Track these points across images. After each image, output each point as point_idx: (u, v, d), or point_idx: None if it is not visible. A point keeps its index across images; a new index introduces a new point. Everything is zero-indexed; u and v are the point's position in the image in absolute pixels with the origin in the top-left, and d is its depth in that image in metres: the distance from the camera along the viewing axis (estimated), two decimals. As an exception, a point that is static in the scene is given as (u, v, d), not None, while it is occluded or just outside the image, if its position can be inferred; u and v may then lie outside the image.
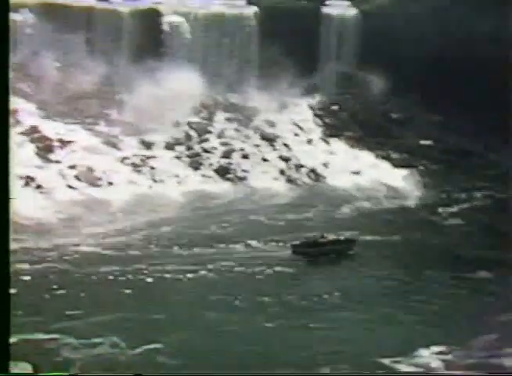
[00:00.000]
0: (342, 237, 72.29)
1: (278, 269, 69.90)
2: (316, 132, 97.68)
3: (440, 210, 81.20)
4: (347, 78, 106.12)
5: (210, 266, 70.07)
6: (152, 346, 56.65)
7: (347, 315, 62.66)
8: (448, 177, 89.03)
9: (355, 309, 63.40)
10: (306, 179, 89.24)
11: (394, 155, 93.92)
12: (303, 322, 61.52)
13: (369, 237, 75.16)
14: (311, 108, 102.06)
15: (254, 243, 74.54)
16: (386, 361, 56.31)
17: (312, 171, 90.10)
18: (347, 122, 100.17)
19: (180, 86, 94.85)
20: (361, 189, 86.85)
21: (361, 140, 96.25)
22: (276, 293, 65.70)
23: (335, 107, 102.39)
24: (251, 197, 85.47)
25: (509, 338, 58.58)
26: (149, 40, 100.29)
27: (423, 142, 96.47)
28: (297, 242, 72.15)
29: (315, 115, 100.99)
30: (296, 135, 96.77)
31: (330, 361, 55.74)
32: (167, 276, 67.84)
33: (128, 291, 64.53)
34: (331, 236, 71.95)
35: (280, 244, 74.15)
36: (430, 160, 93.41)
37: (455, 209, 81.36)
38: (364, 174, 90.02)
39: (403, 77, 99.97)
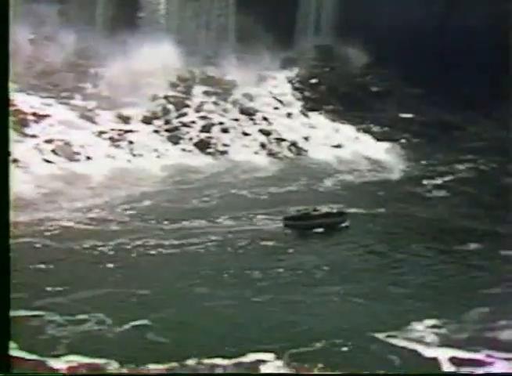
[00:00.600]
0: (335, 210, 70.89)
1: (265, 243, 68.52)
2: (296, 106, 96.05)
3: (424, 182, 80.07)
4: (326, 51, 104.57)
5: (195, 240, 68.51)
6: (140, 323, 55.01)
7: (337, 289, 61.39)
8: (430, 150, 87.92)
9: (343, 282, 62.13)
10: (287, 153, 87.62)
11: (375, 128, 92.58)
12: (293, 297, 60.25)
13: (353, 210, 73.77)
14: (290, 81, 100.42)
15: (237, 216, 72.92)
16: (380, 336, 55.13)
17: (293, 144, 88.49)
18: (326, 96, 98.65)
19: (156, 59, 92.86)
20: (343, 163, 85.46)
21: (341, 114, 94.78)
22: (264, 267, 64.28)
23: (314, 81, 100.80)
24: (233, 171, 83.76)
25: (502, 310, 57.66)
26: (124, 12, 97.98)
27: (403, 115, 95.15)
28: (289, 215, 70.76)
29: (294, 89, 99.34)
30: (275, 108, 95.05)
31: (324, 336, 54.49)
32: (152, 250, 66.17)
33: (111, 266, 62.76)
34: (324, 209, 70.54)
35: (265, 217, 72.66)
36: (411, 134, 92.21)
37: (439, 181, 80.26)
38: (346, 147, 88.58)
39: (383, 50, 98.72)
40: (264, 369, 50.99)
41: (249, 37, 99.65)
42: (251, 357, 51.59)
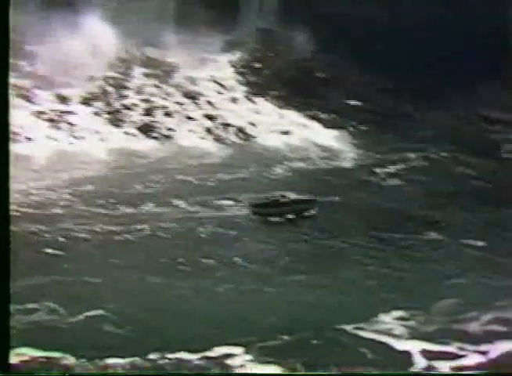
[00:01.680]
0: (303, 197, 68.17)
1: (218, 230, 65.45)
2: (240, 91, 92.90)
3: (377, 170, 77.84)
4: (270, 35, 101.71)
5: (143, 227, 65.08)
6: (94, 313, 51.50)
7: (300, 278, 58.76)
8: (379, 138, 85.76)
9: (305, 272, 59.53)
10: (235, 139, 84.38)
11: (323, 115, 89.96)
12: (253, 287, 57.40)
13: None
14: (233, 65, 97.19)
15: (182, 203, 69.70)
16: (348, 327, 52.79)
17: (240, 130, 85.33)
18: (271, 81, 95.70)
19: (94, 38, 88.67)
20: (293, 150, 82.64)
21: (287, 99, 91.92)
22: (221, 255, 61.23)
23: (258, 65, 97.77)
24: (179, 157, 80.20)
25: (469, 301, 55.82)
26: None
27: (351, 102, 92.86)
28: (256, 202, 67.95)
29: (238, 73, 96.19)
30: (219, 93, 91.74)
31: (290, 328, 51.81)
32: (99, 236, 62.61)
33: (58, 252, 58.93)
34: (292, 196, 67.81)
35: (215, 204, 69.62)
36: (359, 121, 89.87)
37: (392, 170, 78.15)
38: (294, 134, 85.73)
39: (328, 34, 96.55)
40: (233, 363, 48.07)
41: (189, 18, 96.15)
42: (218, 351, 48.59)
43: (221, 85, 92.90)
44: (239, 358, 48.19)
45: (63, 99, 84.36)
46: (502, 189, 74.10)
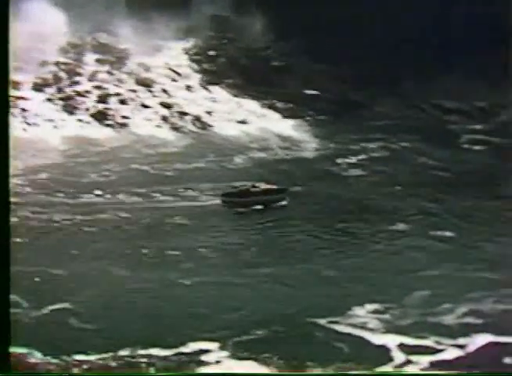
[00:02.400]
0: (274, 187, 66.44)
1: (180, 221, 63.45)
2: (195, 79, 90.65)
3: (339, 161, 76.45)
4: (224, 22, 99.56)
5: (102, 217, 62.80)
6: (60, 306, 49.10)
7: (268, 271, 57.04)
8: (337, 128, 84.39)
9: (274, 264, 57.85)
10: (192, 127, 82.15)
11: (280, 104, 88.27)
12: (221, 279, 55.52)
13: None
14: (187, 53, 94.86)
15: (140, 193, 67.57)
16: (322, 321, 51.23)
17: (197, 119, 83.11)
18: (226, 69, 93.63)
19: (44, 23, 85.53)
20: (253, 139, 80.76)
21: (242, 88, 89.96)
22: (185, 247, 59.19)
23: (212, 53, 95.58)
24: (135, 145, 77.78)
25: (443, 293, 54.75)
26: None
27: (308, 91, 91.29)
28: (227, 191, 66.07)
29: (192, 60, 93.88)
30: (174, 80, 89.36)
31: (263, 323, 50.07)
32: (56, 225, 60.07)
33: (16, 240, 56.15)
34: (263, 186, 66.00)
35: (174, 194, 67.66)
36: (316, 111, 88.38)
37: (353, 160, 76.86)
38: (252, 123, 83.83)
39: (284, 22, 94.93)
40: (208, 359, 46.14)
41: (141, 3, 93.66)
42: (192, 347, 46.59)
43: (176, 73, 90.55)
44: (215, 354, 46.29)
45: (15, 85, 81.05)
46: (464, 180, 73.44)
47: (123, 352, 45.48)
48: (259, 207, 65.19)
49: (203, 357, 45.90)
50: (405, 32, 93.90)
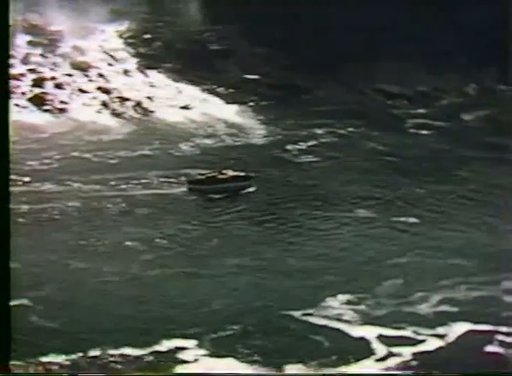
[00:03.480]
0: (241, 173, 63.79)
1: (134, 210, 60.34)
2: (131, 63, 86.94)
3: (289, 147, 74.08)
4: (158, 4, 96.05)
5: (50, 206, 59.21)
6: (17, 302, 45.33)
7: (234, 262, 54.47)
8: (282, 114, 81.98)
9: (237, 255, 55.29)
10: (133, 113, 78.56)
11: (221, 90, 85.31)
12: (186, 270, 52.80)
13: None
14: (121, 36, 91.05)
15: (89, 180, 64.29)
16: (296, 314, 49.08)
17: (138, 104, 79.54)
18: (163, 53, 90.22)
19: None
20: (198, 126, 77.68)
21: (181, 73, 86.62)
22: (143, 237, 56.15)
23: (148, 36, 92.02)
24: (76, 132, 73.85)
25: (414, 282, 53.17)
26: None
27: (248, 76, 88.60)
28: (193, 178, 63.14)
29: (127, 44, 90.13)
30: (110, 64, 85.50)
31: (237, 317, 47.62)
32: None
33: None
34: (230, 172, 63.29)
35: (121, 182, 64.40)
36: (259, 96, 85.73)
37: (303, 146, 74.60)
38: (195, 109, 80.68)
39: (221, 5, 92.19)
40: (184, 357, 43.34)
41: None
42: (168, 345, 43.72)
43: (111, 56, 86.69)
44: (192, 351, 43.52)
45: None
46: (414, 165, 72.15)
47: (93, 353, 42.36)
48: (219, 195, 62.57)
49: (181, 355, 43.16)
50: (345, 17, 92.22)
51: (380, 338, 47.63)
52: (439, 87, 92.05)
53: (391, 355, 46.27)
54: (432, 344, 47.50)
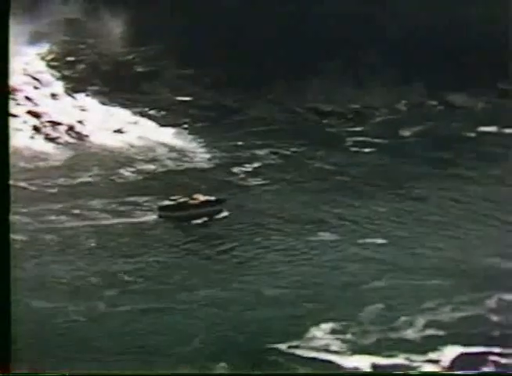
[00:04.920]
0: (213, 198, 60.39)
1: (92, 242, 56.43)
2: (57, 86, 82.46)
3: (235, 170, 71.16)
4: (79, 25, 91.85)
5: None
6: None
7: (204, 294, 51.16)
8: (219, 135, 79.03)
9: (205, 286, 52.04)
10: (68, 138, 74.18)
11: (152, 112, 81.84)
12: (155, 306, 49.25)
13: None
14: (43, 58, 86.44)
15: (30, 212, 59.87)
16: (282, 347, 46.22)
17: (71, 128, 75.20)
18: (89, 75, 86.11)
19: None
20: (136, 150, 73.93)
21: (109, 96, 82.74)
22: (104, 271, 52.26)
23: (71, 58, 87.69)
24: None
25: (396, 305, 51.01)
26: None
27: (180, 98, 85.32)
28: (164, 204, 59.24)
29: (50, 66, 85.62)
30: (36, 88, 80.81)
31: (221, 355, 44.32)
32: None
33: None
34: (201, 197, 59.82)
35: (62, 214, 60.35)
36: (191, 118, 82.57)
37: (249, 168, 71.82)
38: (129, 132, 76.88)
39: (143, 26, 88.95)
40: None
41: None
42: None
43: (36, 80, 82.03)
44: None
45: None
46: (366, 183, 70.33)
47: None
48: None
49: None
50: (270, 34, 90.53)
51: (375, 367, 45.26)
52: (370, 104, 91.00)
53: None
54: (428, 370, 45.40)
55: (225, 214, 60.73)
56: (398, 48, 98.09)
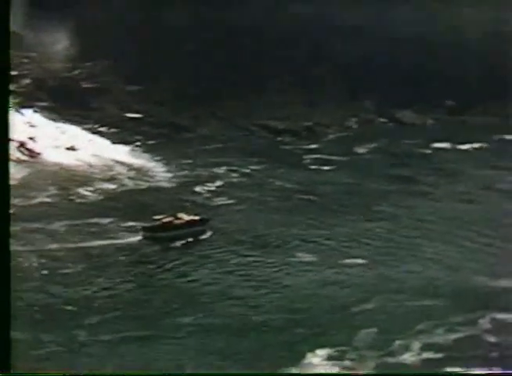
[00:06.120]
0: (197, 217, 57.58)
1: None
2: (1, 101, 78.34)
3: (197, 189, 68.72)
4: (17, 39, 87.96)
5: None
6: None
7: (189, 321, 48.56)
8: (174, 153, 76.59)
9: (188, 313, 49.43)
10: (20, 155, 70.46)
11: (103, 129, 78.83)
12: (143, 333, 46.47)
13: (132, 223, 60.43)
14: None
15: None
16: (280, 375, 44.01)
17: (22, 145, 71.52)
18: (34, 91, 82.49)
19: None
20: (93, 169, 70.70)
21: (58, 112, 79.47)
22: (83, 298, 49.24)
23: (14, 72, 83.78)
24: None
25: (388, 329, 49.26)
26: None
27: (129, 114, 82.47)
28: (148, 224, 56.13)
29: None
30: (-21, 104, 76.57)
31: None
32: None
33: None
34: (186, 217, 56.95)
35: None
36: (144, 135, 79.92)
37: (212, 188, 69.44)
38: (83, 150, 73.60)
39: (89, 40, 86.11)
40: None
41: None
42: None
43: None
44: None
45: None
46: (333, 202, 68.88)
47: None
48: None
49: None
50: (217, 53, 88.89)
51: (379, 394, 43.47)
52: (321, 121, 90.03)
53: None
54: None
55: (209, 234, 58.23)
56: (346, 66, 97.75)
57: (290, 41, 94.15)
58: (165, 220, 57.60)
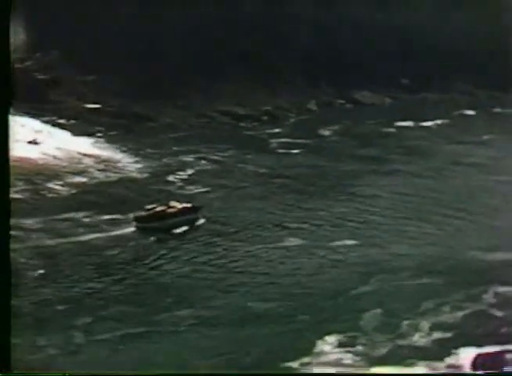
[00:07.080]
0: (189, 204, 55.38)
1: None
2: (-47, 96, 74.89)
3: (170, 178, 66.61)
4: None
5: None
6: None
7: (186, 313, 46.53)
8: (139, 143, 74.38)
9: (189, 306, 47.36)
10: (-19, 152, 67.11)
11: (61, 121, 75.98)
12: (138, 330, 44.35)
13: (107, 217, 58.08)
14: None
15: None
16: (294, 364, 42.16)
17: (-19, 142, 68.17)
18: (-15, 84, 78.77)
19: None
20: (60, 162, 67.94)
21: (14, 105, 75.55)
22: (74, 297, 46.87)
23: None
24: None
25: (393, 310, 47.88)
26: None
27: (88, 105, 79.65)
28: (141, 214, 53.58)
29: None
30: None
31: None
32: None
33: None
34: (178, 205, 54.69)
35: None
36: (104, 126, 77.39)
37: (184, 176, 67.43)
38: (44, 143, 70.72)
39: (38, 31, 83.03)
40: None
41: None
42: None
43: None
44: None
45: None
46: (308, 184, 67.61)
47: None
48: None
49: None
50: (179, 42, 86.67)
51: (404, 379, 42.06)
52: (281, 105, 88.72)
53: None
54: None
55: (202, 221, 56.23)
56: (302, 49, 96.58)
57: (248, 28, 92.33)
58: (158, 209, 55.27)
